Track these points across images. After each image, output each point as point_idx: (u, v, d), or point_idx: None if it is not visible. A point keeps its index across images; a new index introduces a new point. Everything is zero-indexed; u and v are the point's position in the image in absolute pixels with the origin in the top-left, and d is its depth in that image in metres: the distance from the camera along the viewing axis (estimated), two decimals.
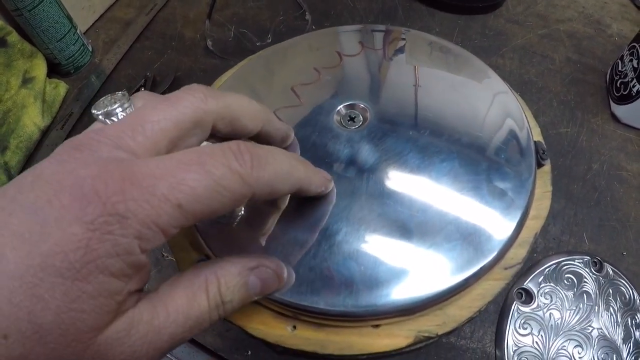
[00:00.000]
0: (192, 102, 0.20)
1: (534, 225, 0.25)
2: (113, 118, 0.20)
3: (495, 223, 0.24)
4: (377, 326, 0.23)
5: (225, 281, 0.19)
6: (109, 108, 0.20)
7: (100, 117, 0.20)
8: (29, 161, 0.56)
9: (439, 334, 0.22)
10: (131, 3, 0.69)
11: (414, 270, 0.24)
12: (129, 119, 0.19)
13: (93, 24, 0.68)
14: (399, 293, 0.22)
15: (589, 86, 0.62)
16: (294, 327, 0.23)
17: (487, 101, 0.30)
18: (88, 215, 0.15)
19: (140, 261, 0.17)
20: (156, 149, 0.19)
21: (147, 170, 0.17)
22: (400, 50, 0.34)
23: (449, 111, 0.28)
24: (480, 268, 0.23)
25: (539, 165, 0.28)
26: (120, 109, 0.20)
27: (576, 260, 0.48)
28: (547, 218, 0.49)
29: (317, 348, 0.22)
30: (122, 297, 0.16)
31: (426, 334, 0.22)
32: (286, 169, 0.20)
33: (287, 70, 0.32)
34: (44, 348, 0.15)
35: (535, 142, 0.27)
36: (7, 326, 0.14)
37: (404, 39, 0.35)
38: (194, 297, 0.19)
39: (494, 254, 0.23)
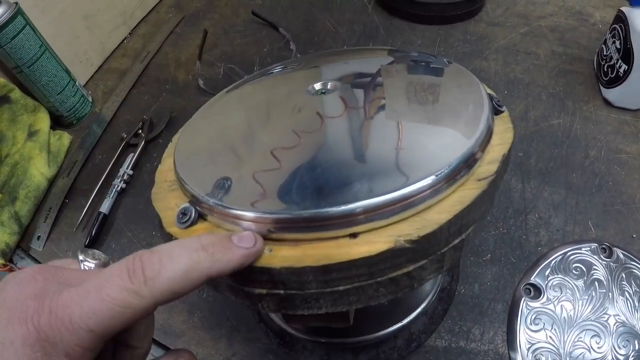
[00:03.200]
0: None
1: (500, 149, 0.27)
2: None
3: (459, 138, 0.26)
4: (354, 235, 0.22)
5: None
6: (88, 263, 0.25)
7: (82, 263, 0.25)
8: (38, 210, 0.59)
9: (420, 235, 0.22)
10: (126, 53, 0.74)
11: (385, 173, 0.24)
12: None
13: (92, 76, 0.72)
14: (372, 194, 0.22)
15: (578, 75, 0.62)
16: (270, 250, 0.23)
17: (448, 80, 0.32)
18: (31, 341, 0.19)
19: None
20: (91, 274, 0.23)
21: (65, 302, 0.20)
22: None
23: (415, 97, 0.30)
24: (451, 169, 0.24)
25: (497, 112, 0.30)
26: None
27: (583, 249, 0.46)
28: (548, 211, 0.49)
29: (293, 263, 0.22)
30: None
31: (407, 238, 0.22)
32: (185, 268, 0.21)
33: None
34: None
35: (488, 94, 0.29)
36: None
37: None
38: None
39: (461, 154, 0.24)
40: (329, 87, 0.32)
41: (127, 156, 0.58)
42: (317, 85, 0.33)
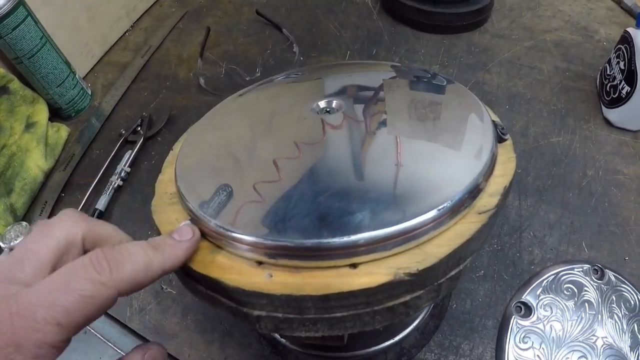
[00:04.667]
0: (64, 227, 0.24)
1: (502, 181, 0.27)
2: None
3: (462, 169, 0.26)
4: (354, 266, 0.23)
5: None
6: (14, 242, 0.25)
7: (6, 249, 0.25)
8: (33, 202, 0.58)
9: (420, 269, 0.22)
10: (127, 46, 0.73)
11: (388, 203, 0.25)
12: (17, 253, 0.23)
13: (92, 68, 0.71)
14: (374, 226, 0.23)
15: (580, 93, 0.62)
16: (270, 275, 0.23)
17: (452, 102, 0.32)
18: None
19: None
20: (42, 273, 0.23)
21: (28, 300, 0.20)
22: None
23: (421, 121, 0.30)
24: (454, 202, 0.24)
25: (501, 140, 0.30)
26: (21, 240, 0.25)
27: (576, 269, 0.47)
28: (543, 229, 0.49)
29: (293, 291, 0.22)
30: None
31: (406, 271, 0.22)
32: (143, 263, 0.23)
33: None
34: None
35: (493, 120, 0.29)
36: None
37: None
38: None
39: (465, 187, 0.25)
40: (334, 106, 0.32)
41: (125, 153, 0.58)
42: (322, 104, 0.32)
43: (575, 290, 0.45)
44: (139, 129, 0.60)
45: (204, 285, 0.26)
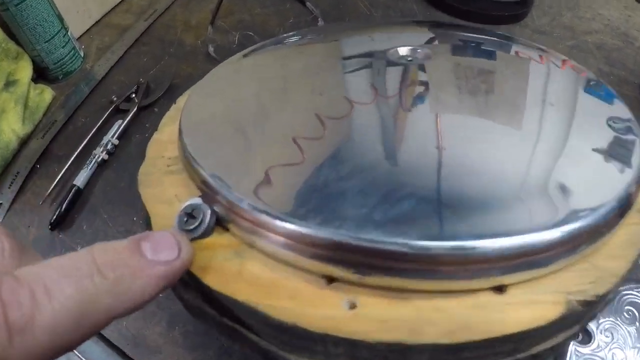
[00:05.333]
0: None
1: None
2: None
3: (615, 167, 0.20)
4: (501, 289, 0.15)
5: None
6: None
7: None
8: (3, 173, 0.50)
9: (600, 294, 0.14)
10: (130, 9, 0.65)
11: (541, 197, 0.17)
12: None
13: (88, 29, 0.63)
14: (530, 227, 0.14)
15: (624, 98, 0.55)
16: (353, 304, 0.14)
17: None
18: None
19: None
20: None
21: None
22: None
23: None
24: (621, 197, 0.17)
25: None
26: None
27: (634, 290, 0.40)
28: None
29: (403, 335, 0.13)
30: None
31: (580, 297, 0.14)
32: (74, 308, 0.13)
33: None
34: None
35: None
36: None
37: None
38: None
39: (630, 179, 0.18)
40: (418, 54, 0.25)
41: (114, 123, 0.50)
42: (403, 51, 0.25)
43: (637, 313, 0.38)
44: (134, 96, 0.52)
45: (221, 310, 0.17)
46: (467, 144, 0.19)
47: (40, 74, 0.57)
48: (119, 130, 0.49)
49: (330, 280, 0.15)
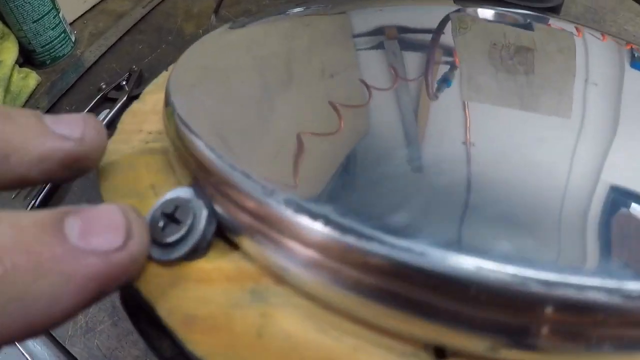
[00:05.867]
0: None
1: None
2: None
3: None
4: None
5: None
6: None
7: None
8: None
9: None
10: None
11: None
12: None
13: (82, 15, 0.59)
14: None
15: None
16: None
17: None
18: None
19: None
20: None
21: None
22: None
23: None
24: None
25: None
26: None
27: None
28: None
29: None
30: None
31: None
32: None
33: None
34: None
35: None
36: None
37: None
38: None
39: None
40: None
41: (101, 112, 0.45)
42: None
43: None
44: (125, 84, 0.48)
45: None
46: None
47: (27, 58, 0.53)
48: (106, 120, 0.45)
49: (440, 354, 0.10)
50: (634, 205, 0.12)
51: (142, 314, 0.12)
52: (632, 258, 0.10)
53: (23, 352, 0.31)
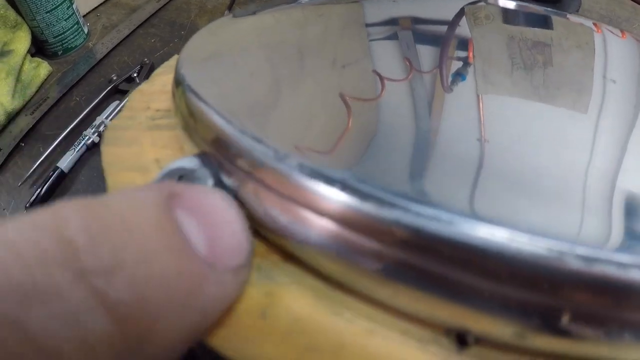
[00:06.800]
0: None
1: None
2: None
3: None
4: None
5: None
6: None
7: None
8: None
9: None
10: None
11: None
12: None
13: (96, 7, 0.59)
14: None
15: None
16: None
17: None
18: None
19: None
20: None
21: None
22: None
23: None
24: None
25: None
26: None
27: None
28: None
29: None
30: None
31: None
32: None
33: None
34: None
35: None
36: None
37: None
38: None
39: None
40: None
41: (110, 103, 0.45)
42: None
43: None
44: (136, 76, 0.48)
45: None
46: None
47: (39, 48, 0.53)
48: (115, 112, 0.44)
49: (462, 340, 0.09)
50: None
51: None
52: None
53: None
